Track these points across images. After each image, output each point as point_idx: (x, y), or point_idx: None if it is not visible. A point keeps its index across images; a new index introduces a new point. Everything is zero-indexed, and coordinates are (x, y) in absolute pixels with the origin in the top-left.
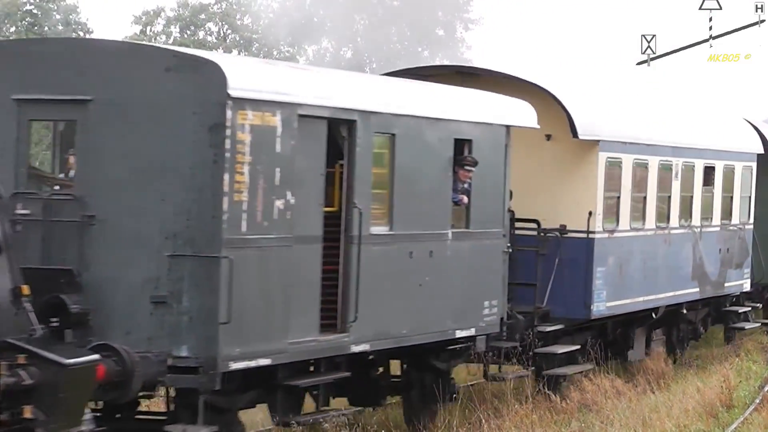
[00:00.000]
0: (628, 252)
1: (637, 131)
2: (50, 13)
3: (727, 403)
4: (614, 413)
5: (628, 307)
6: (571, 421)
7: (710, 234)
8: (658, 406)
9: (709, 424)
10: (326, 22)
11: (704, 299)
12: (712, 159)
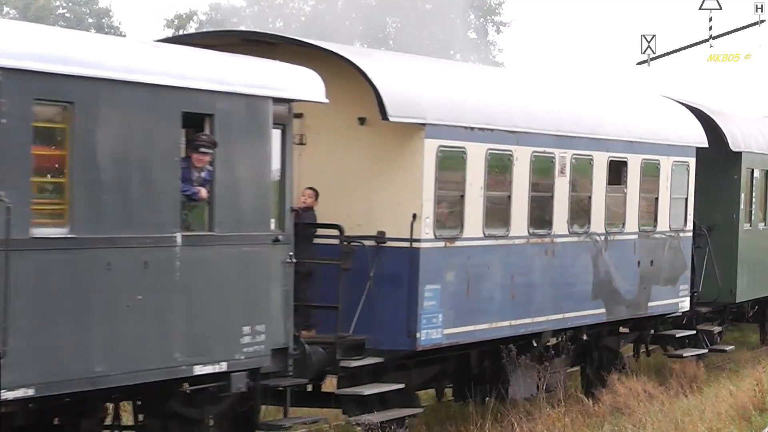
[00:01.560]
0: (482, 265)
1: (492, 114)
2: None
3: (760, 407)
4: (647, 416)
5: (483, 334)
6: (603, 424)
7: (622, 243)
8: (690, 409)
9: (742, 427)
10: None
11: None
12: (623, 152)
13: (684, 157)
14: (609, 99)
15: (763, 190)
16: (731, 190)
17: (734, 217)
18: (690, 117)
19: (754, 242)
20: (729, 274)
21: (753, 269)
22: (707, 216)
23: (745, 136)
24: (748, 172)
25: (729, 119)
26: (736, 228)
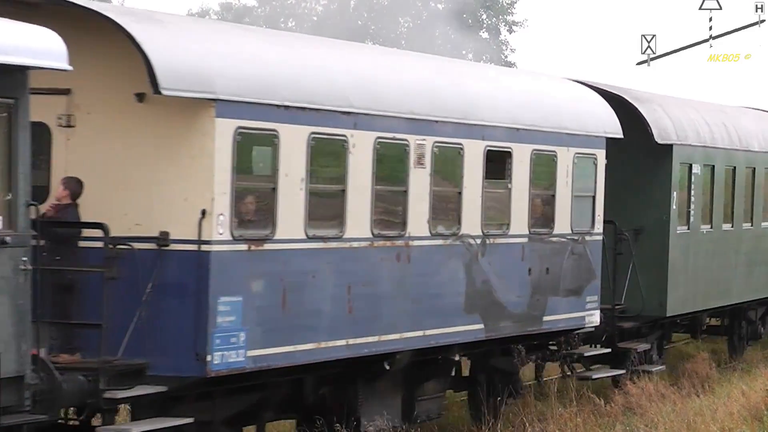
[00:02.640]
0: (304, 273)
1: (318, 90)
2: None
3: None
4: (659, 417)
5: (308, 356)
6: (615, 424)
7: (507, 248)
8: (702, 409)
9: (754, 427)
10: (370, 25)
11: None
12: (506, 141)
13: (590, 149)
14: (488, 78)
15: (710, 188)
16: (661, 188)
17: (664, 219)
18: (600, 103)
19: (694, 248)
20: (658, 285)
21: (692, 279)
22: (635, 218)
23: (680, 126)
24: (683, 168)
25: (659, 107)
26: (666, 231)
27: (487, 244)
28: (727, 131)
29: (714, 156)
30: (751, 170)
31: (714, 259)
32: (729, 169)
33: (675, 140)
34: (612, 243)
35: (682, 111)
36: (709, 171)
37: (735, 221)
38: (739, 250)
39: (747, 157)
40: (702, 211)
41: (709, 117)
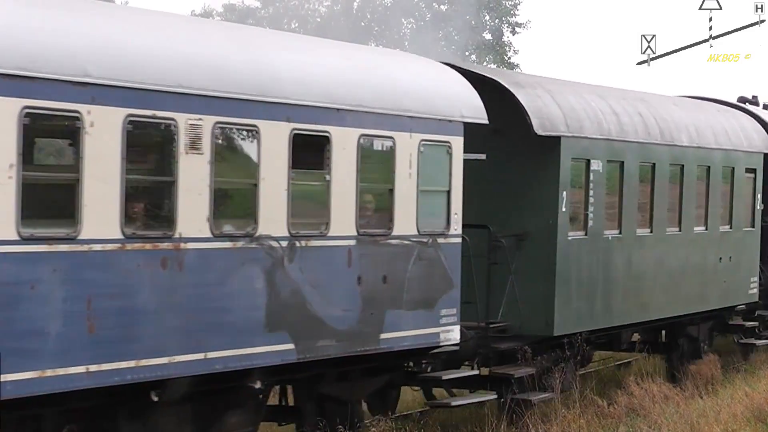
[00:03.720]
0: (15, 284)
1: (35, 57)
2: None
3: None
4: (662, 418)
5: (22, 388)
6: (618, 425)
7: (326, 252)
8: (706, 410)
9: (758, 429)
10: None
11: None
12: (322, 123)
13: (442, 135)
14: (298, 48)
15: (617, 188)
16: (546, 187)
17: (551, 223)
18: (458, 83)
19: (593, 256)
20: (544, 300)
21: (592, 292)
22: (516, 222)
23: (573, 116)
24: (578, 165)
25: (547, 93)
26: (553, 237)
27: (297, 247)
28: (644, 122)
29: (623, 151)
30: (678, 168)
31: (626, 270)
32: (646, 166)
33: (564, 131)
34: (486, 251)
35: (579, 98)
36: (616, 168)
37: (655, 226)
38: (664, 259)
39: (672, 152)
40: (606, 214)
41: (621, 106)
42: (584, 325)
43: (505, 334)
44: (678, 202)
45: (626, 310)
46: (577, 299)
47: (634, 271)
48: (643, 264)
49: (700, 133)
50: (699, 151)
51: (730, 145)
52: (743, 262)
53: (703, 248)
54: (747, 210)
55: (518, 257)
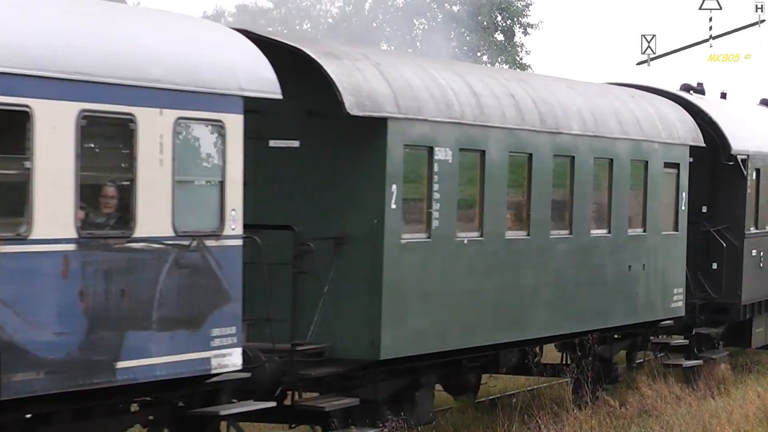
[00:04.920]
0: None
1: None
2: None
3: None
4: (674, 419)
5: None
6: (630, 426)
7: (22, 260)
8: (718, 411)
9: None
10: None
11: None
12: (18, 96)
13: (209, 113)
14: None
15: (478, 182)
16: (369, 180)
17: (376, 223)
18: (240, 50)
19: (441, 264)
20: (368, 317)
21: (438, 306)
22: (334, 222)
23: (409, 94)
24: (414, 153)
25: (373, 67)
26: (379, 240)
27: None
28: (518, 106)
29: (484, 138)
30: (566, 160)
31: (490, 280)
32: (520, 156)
33: (392, 112)
34: (290, 257)
35: (422, 75)
36: (475, 158)
37: (534, 228)
38: (547, 268)
39: (558, 142)
40: (461, 213)
41: (486, 85)
42: (428, 345)
43: (322, 357)
44: (568, 201)
45: (492, 327)
46: (417, 315)
47: (503, 282)
48: (515, 273)
49: (598, 120)
50: (596, 141)
51: (642, 135)
52: (664, 270)
53: (604, 255)
54: (668, 211)
55: (338, 265)
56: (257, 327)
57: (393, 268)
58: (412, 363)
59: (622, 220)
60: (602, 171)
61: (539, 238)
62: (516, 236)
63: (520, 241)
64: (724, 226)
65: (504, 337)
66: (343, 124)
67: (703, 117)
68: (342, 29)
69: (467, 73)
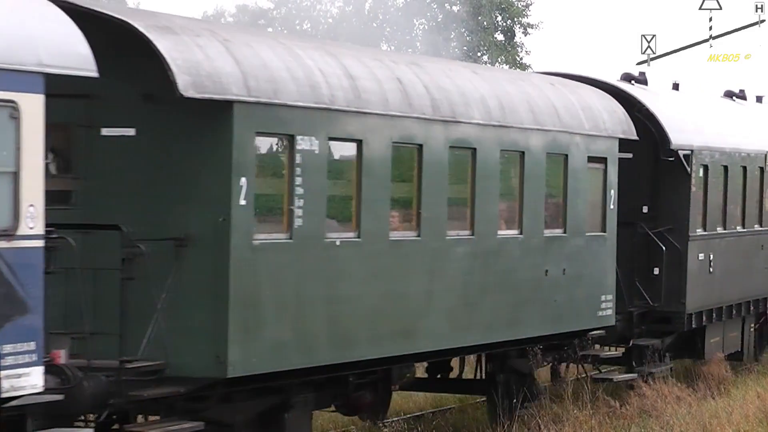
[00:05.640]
0: None
1: None
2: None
3: None
4: (674, 419)
5: None
6: (630, 426)
7: None
8: (718, 411)
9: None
10: (386, 27)
11: None
12: None
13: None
14: None
15: (353, 174)
16: (213, 172)
17: (221, 221)
18: (41, 18)
19: (305, 267)
20: (212, 328)
21: (303, 316)
22: (178, 221)
23: (265, 75)
24: (271, 142)
25: (219, 43)
26: (225, 241)
27: None
28: (404, 91)
29: (361, 126)
30: (466, 152)
31: (370, 285)
32: (407, 147)
33: (239, 95)
34: (118, 261)
35: (284, 54)
36: (351, 149)
37: (425, 228)
38: (442, 272)
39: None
40: (333, 210)
41: (365, 68)
42: (291, 361)
43: (157, 376)
44: (470, 198)
45: (374, 339)
46: (276, 327)
47: (387, 288)
48: (403, 278)
49: (506, 109)
50: (504, 132)
51: (560, 125)
52: (589, 275)
53: (514, 258)
54: (594, 210)
55: (177, 270)
56: (84, 341)
57: (243, 272)
58: (280, 381)
59: (537, 219)
60: (511, 165)
61: (433, 239)
62: (403, 237)
63: (409, 242)
64: (666, 228)
65: (391, 350)
66: (183, 109)
67: (640, 109)
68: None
69: (343, 53)
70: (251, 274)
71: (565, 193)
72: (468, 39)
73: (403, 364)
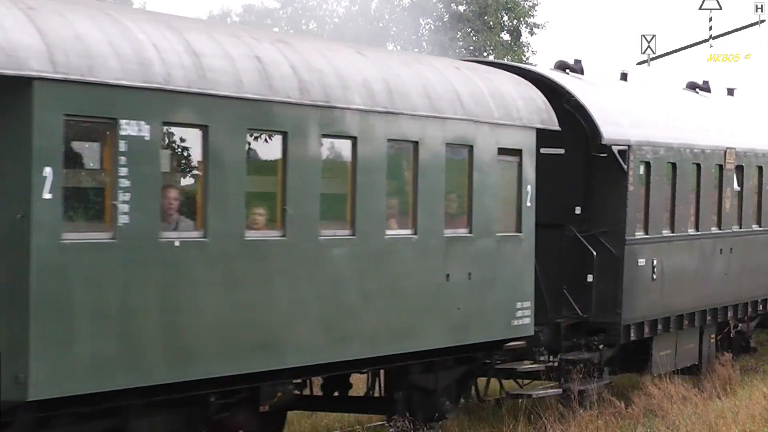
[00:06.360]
0: None
1: None
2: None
3: None
4: (680, 419)
5: None
6: (636, 426)
7: None
8: (724, 411)
9: None
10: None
11: None
12: None
13: None
14: None
15: (198, 166)
16: (11, 161)
17: (20, 218)
18: None
19: (129, 272)
20: (4, 343)
21: (132, 328)
22: None
23: (78, 49)
24: (86, 127)
25: (19, 11)
26: (25, 241)
27: None
28: (265, 71)
29: (207, 109)
30: (345, 142)
31: (217, 292)
32: (266, 135)
33: (42, 70)
34: None
35: (107, 25)
36: (192, 135)
37: (291, 228)
38: (315, 276)
39: (328, 118)
40: (170, 206)
41: (215, 44)
42: (114, 380)
43: None
44: (350, 193)
45: (226, 354)
46: (95, 341)
47: (239, 295)
48: (264, 284)
49: (396, 93)
50: (393, 120)
51: (462, 113)
52: (502, 280)
53: (407, 261)
54: (507, 208)
55: None
56: None
57: (49, 277)
58: (115, 402)
59: (435, 218)
60: (402, 157)
61: (302, 239)
62: (263, 237)
63: (271, 243)
64: (600, 231)
65: (250, 366)
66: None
67: (569, 99)
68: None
69: (188, 28)
70: (60, 278)
71: (471, 189)
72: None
73: (272, 382)
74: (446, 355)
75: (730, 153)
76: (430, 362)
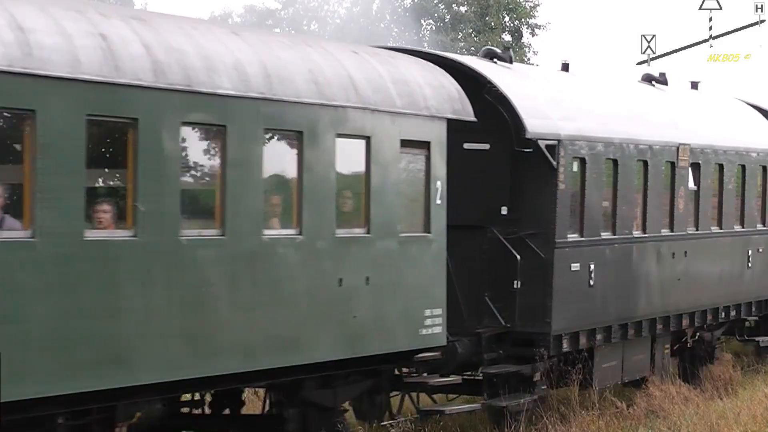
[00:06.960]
0: None
1: None
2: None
3: None
4: (681, 419)
5: None
6: (638, 427)
7: None
8: (725, 412)
9: None
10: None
11: None
12: None
13: None
14: None
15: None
16: None
17: None
18: None
19: None
20: None
21: None
22: None
23: None
24: None
25: None
26: None
27: None
28: (111, 51)
29: (32, 93)
30: (214, 130)
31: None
32: (111, 122)
33: None
34: None
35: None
36: (14, 122)
37: (141, 225)
38: (172, 281)
39: (193, 104)
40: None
41: (50, 19)
42: None
43: None
44: (217, 189)
45: (60, 370)
46: None
47: (76, 303)
48: (109, 291)
49: (275, 77)
50: (271, 107)
51: (357, 101)
52: (406, 286)
53: (290, 264)
54: (412, 206)
55: None
56: None
57: None
58: None
59: (324, 217)
60: (284, 149)
61: (156, 239)
62: (108, 237)
63: (118, 244)
64: (527, 233)
65: (92, 384)
66: None
67: (490, 90)
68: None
69: (16, 2)
70: None
71: (368, 185)
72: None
73: (128, 401)
74: (345, 368)
75: (683, 149)
76: (328, 376)
